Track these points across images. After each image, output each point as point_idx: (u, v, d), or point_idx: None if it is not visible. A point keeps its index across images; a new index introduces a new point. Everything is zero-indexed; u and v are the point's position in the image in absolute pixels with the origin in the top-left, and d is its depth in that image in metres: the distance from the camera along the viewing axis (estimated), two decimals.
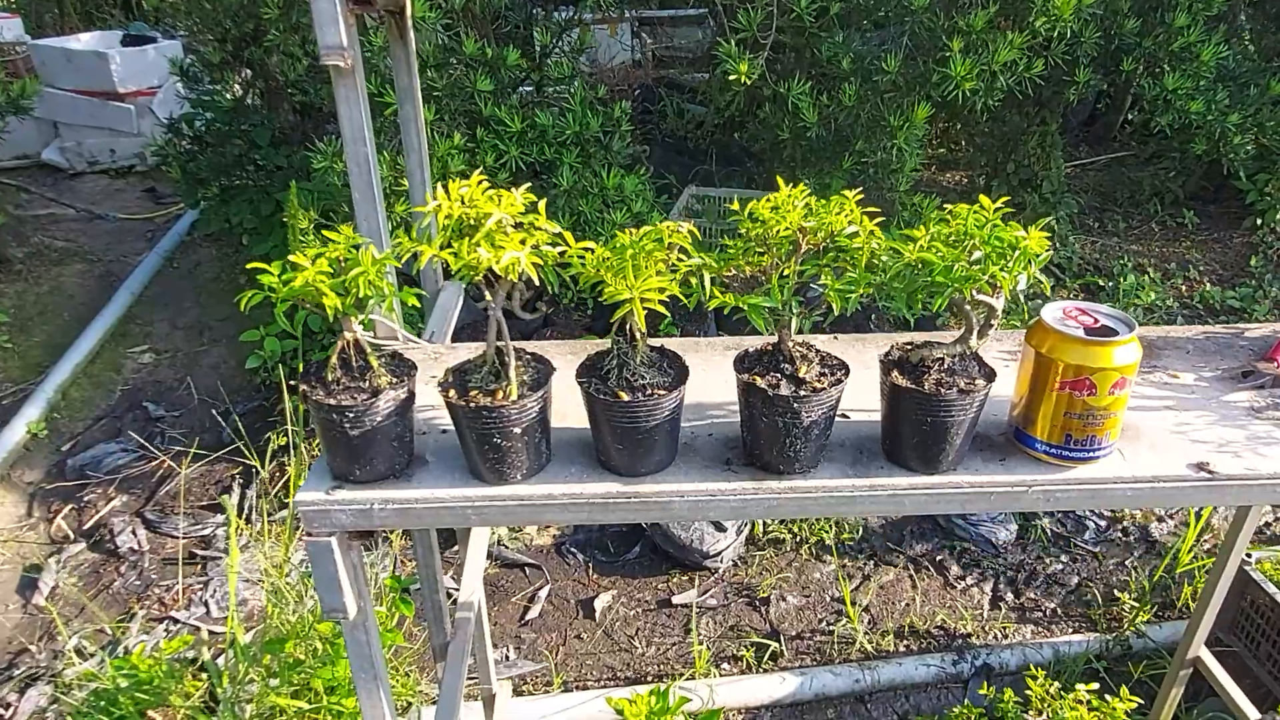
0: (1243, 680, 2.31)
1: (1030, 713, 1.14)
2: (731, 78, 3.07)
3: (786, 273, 0.87)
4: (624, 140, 3.65)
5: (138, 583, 3.08)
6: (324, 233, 0.91)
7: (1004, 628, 2.85)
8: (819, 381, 0.91)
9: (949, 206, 0.93)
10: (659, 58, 7.85)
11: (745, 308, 0.85)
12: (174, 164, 4.56)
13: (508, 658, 2.79)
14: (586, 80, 4.14)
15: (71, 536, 3.32)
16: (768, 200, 0.92)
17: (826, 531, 3.17)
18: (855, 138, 3.34)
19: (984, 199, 0.93)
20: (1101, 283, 4.13)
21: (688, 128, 5.54)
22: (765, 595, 2.96)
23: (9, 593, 3.00)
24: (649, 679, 2.70)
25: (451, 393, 0.91)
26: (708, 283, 0.87)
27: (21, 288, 4.81)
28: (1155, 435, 1.01)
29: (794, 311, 0.88)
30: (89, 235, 5.53)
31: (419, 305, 1.14)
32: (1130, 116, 5.39)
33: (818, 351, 0.96)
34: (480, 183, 0.90)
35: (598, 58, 7.81)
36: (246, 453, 3.36)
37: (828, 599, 2.96)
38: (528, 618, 2.93)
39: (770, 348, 0.95)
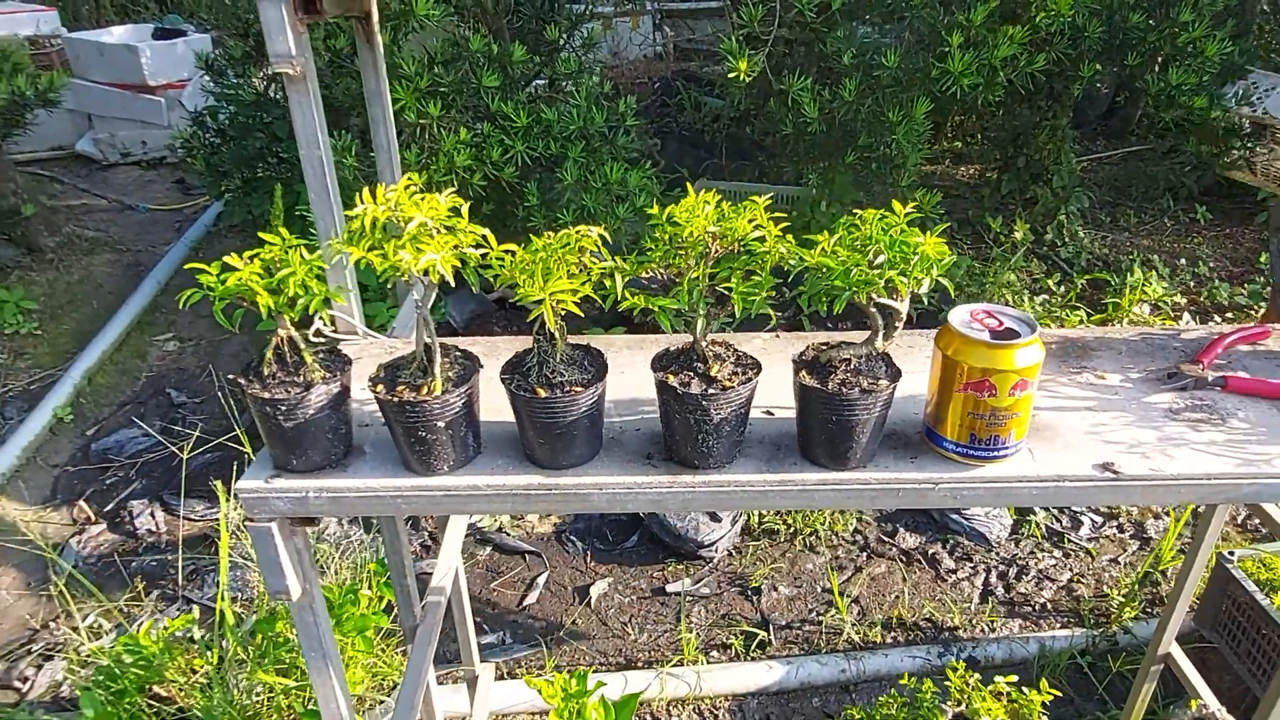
0: (1223, 676, 2.31)
1: (948, 703, 1.17)
2: (731, 75, 3.10)
3: (695, 275, 0.91)
4: (629, 135, 3.69)
5: (154, 563, 3.19)
6: (260, 234, 0.97)
7: (992, 621, 2.86)
8: (729, 380, 0.95)
9: (858, 212, 0.96)
10: (680, 50, 7.86)
11: (655, 309, 0.89)
12: (198, 156, 4.68)
13: (504, 642, 2.87)
14: (605, 74, 4.17)
15: (93, 518, 3.45)
16: (682, 204, 0.96)
17: (820, 523, 3.20)
18: (858, 133, 3.35)
19: (896, 204, 0.96)
20: (1109, 278, 4.08)
21: (704, 121, 5.56)
22: (757, 585, 3.00)
23: (32, 571, 3.14)
24: (639, 664, 2.76)
25: (380, 387, 0.96)
26: (619, 284, 0.91)
27: (53, 276, 4.98)
28: (1070, 435, 1.03)
29: (701, 313, 0.92)
30: (119, 225, 5.70)
31: (342, 301, 1.21)
32: (1146, 111, 5.31)
33: (734, 351, 1.00)
34: (407, 187, 0.95)
35: (620, 49, 7.84)
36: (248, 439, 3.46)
37: (818, 590, 3.00)
38: (525, 603, 3.00)
39: (686, 348, 0.99)
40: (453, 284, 0.90)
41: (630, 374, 1.17)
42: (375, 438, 1.07)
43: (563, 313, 0.92)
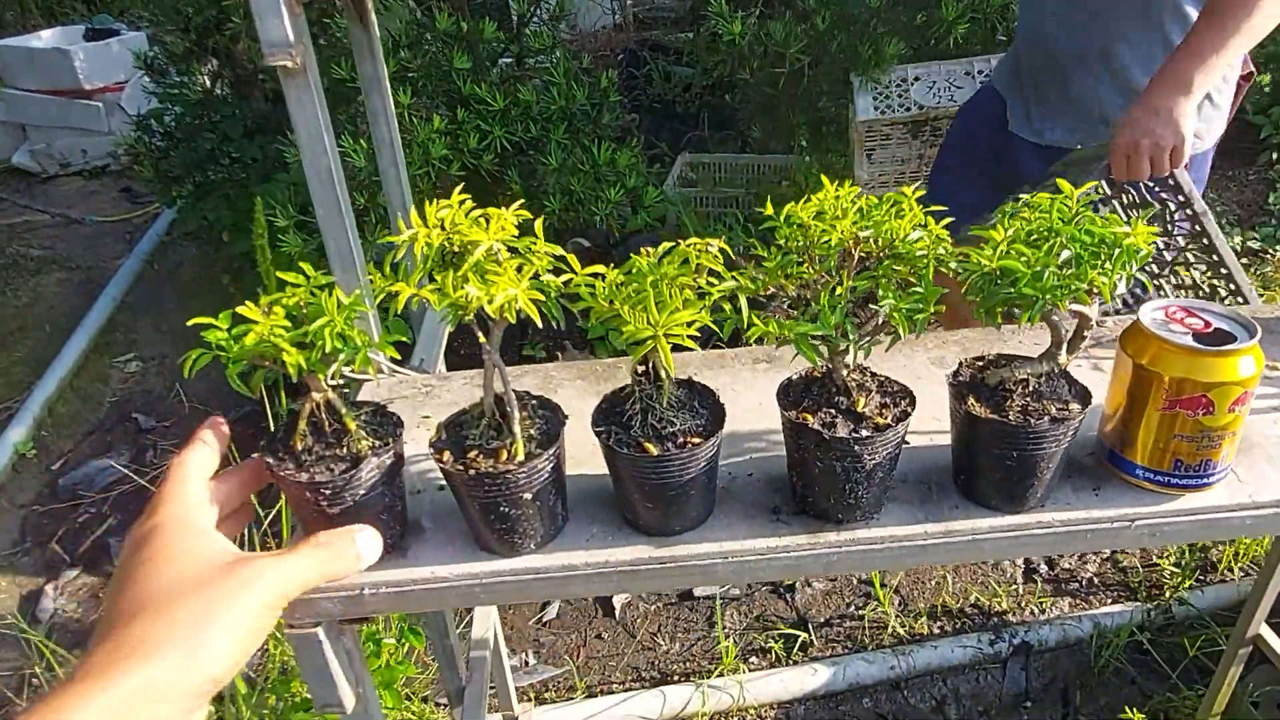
0: None
1: None
2: (727, 39, 2.89)
3: (839, 291, 0.73)
4: (614, 112, 3.47)
5: None
6: (280, 275, 0.76)
7: (1040, 602, 2.74)
8: (880, 416, 0.77)
9: (1023, 197, 0.77)
10: (640, 19, 7.59)
11: (794, 338, 0.71)
12: (146, 162, 4.37)
13: (527, 663, 2.68)
14: (569, 49, 3.94)
15: (68, 560, 3.20)
16: (809, 203, 0.77)
17: None
18: (834, 73, 3.17)
19: (1062, 183, 0.78)
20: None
21: (675, 91, 5.33)
22: (790, 583, 2.85)
23: (8, 621, 2.89)
24: (675, 678, 2.60)
25: (446, 455, 0.76)
26: (745, 309, 0.72)
27: None
28: (1270, 445, 0.87)
29: (851, 338, 0.73)
30: (66, 241, 5.35)
31: (407, 340, 1.00)
32: None
33: (873, 376, 0.81)
34: (462, 202, 0.75)
35: (578, 24, 7.56)
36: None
37: (854, 582, 2.85)
38: (544, 619, 2.82)
39: (820, 375, 0.81)
40: (539, 324, 0.71)
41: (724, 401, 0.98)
42: (433, 507, 0.88)
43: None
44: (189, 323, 0.77)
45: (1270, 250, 3.84)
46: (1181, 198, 1.48)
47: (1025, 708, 2.48)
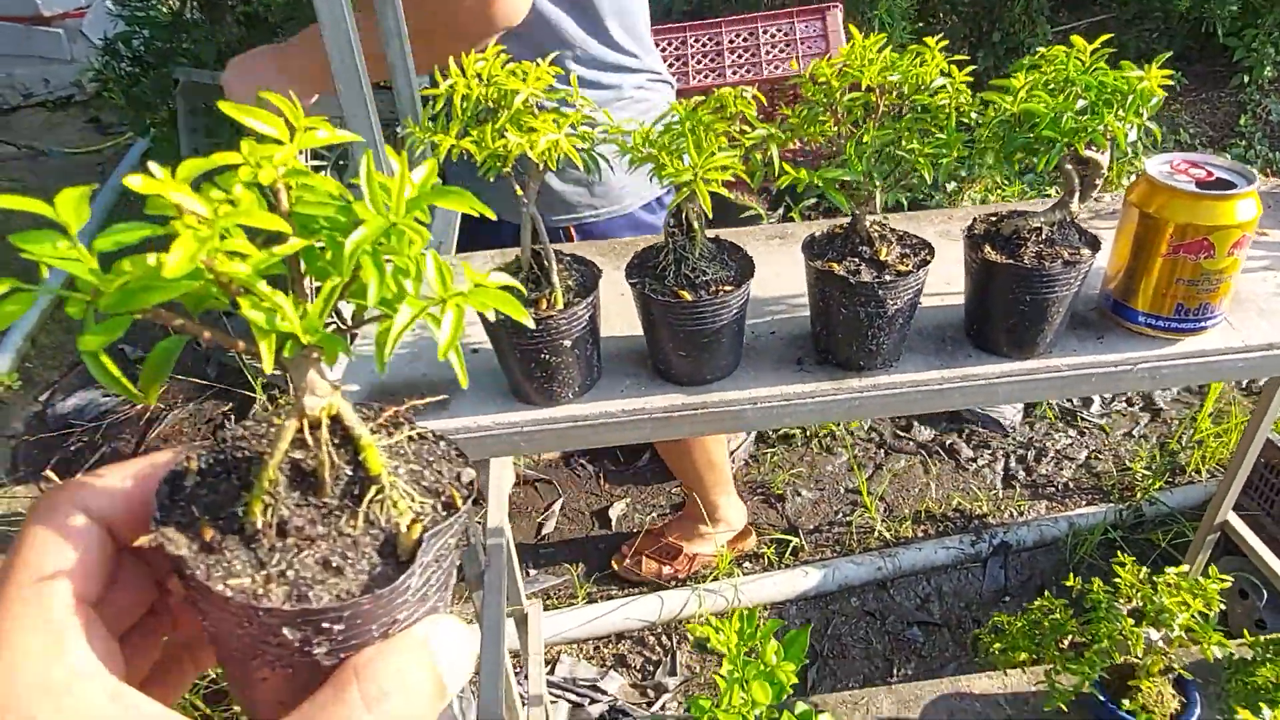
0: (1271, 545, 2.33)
1: (1120, 600, 1.10)
2: None
3: (865, 139, 0.76)
4: None
5: None
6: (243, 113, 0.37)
7: (1019, 505, 2.85)
8: (902, 264, 0.81)
9: (1040, 50, 0.80)
10: None
11: (822, 184, 0.74)
12: (115, 89, 4.25)
13: (529, 574, 2.76)
14: None
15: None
16: (830, 60, 0.79)
17: (835, 425, 3.13)
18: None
19: (1076, 39, 0.81)
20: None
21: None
22: (780, 492, 2.94)
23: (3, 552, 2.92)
24: (671, 584, 2.69)
25: None
26: (776, 157, 0.75)
27: None
28: (1260, 300, 0.92)
29: (876, 184, 0.76)
30: (35, 174, 5.22)
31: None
32: None
33: (893, 230, 0.85)
34: (499, 54, 0.77)
35: None
36: (236, 386, 3.24)
37: (842, 491, 2.95)
38: (544, 533, 2.89)
39: (841, 230, 0.84)
40: (582, 169, 0.73)
41: None
42: (470, 365, 0.91)
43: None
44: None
45: None
46: None
47: (1004, 602, 2.60)
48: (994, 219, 0.85)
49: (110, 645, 0.34)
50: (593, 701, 2.36)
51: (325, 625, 0.33)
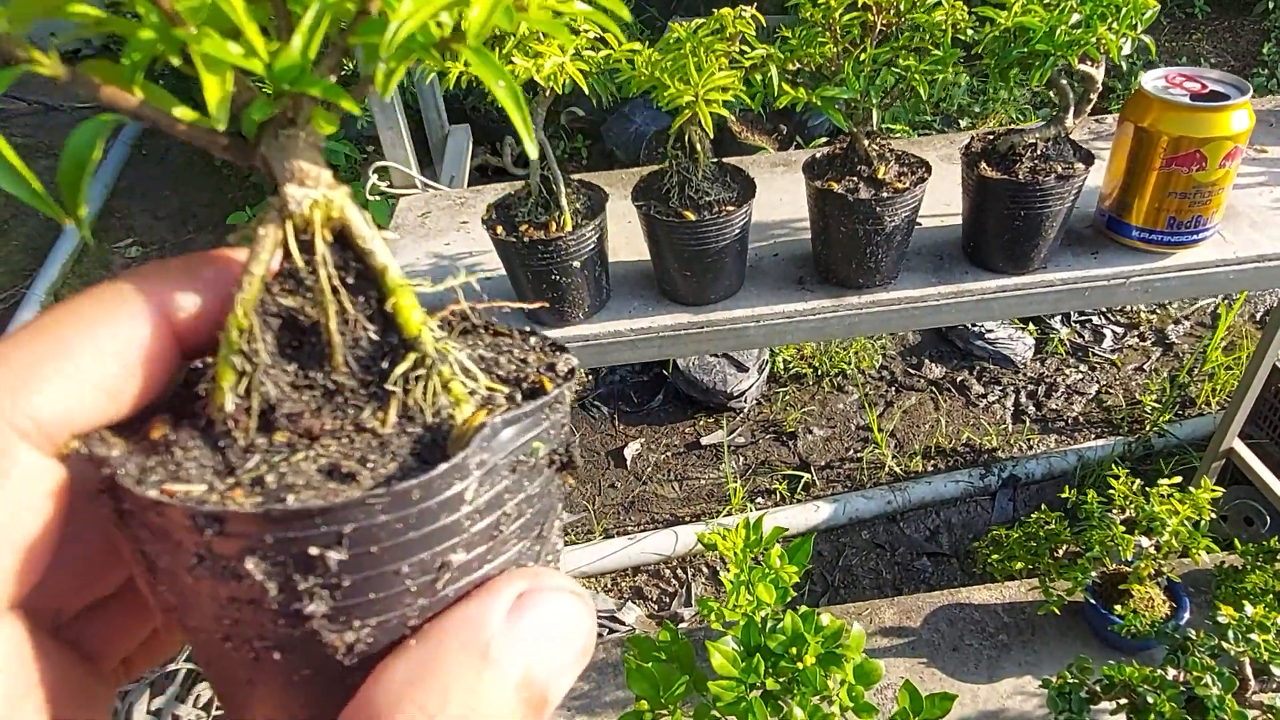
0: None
1: (1114, 510, 1.13)
2: None
3: (863, 58, 0.77)
4: None
5: None
6: None
7: (1028, 439, 2.89)
8: (899, 181, 0.83)
9: None
10: None
11: (819, 102, 0.76)
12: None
13: None
14: None
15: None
16: None
17: (847, 363, 3.16)
18: None
19: None
20: (1113, 84, 3.94)
21: None
22: (792, 430, 2.98)
23: None
24: (686, 519, 2.76)
25: (499, 229, 0.83)
26: (776, 77, 0.77)
27: None
28: (1254, 213, 0.94)
29: (874, 102, 0.78)
30: (47, 130, 5.24)
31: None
32: None
33: (891, 150, 0.87)
34: None
35: None
36: None
37: (853, 428, 2.99)
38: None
39: (841, 150, 0.86)
40: (587, 93, 0.76)
41: None
42: (482, 290, 0.95)
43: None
44: None
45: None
46: None
47: None
48: (991, 137, 0.87)
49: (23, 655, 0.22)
50: (611, 631, 2.45)
51: (312, 552, 0.20)
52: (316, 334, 0.25)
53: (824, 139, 3.71)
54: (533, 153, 0.27)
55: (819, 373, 3.13)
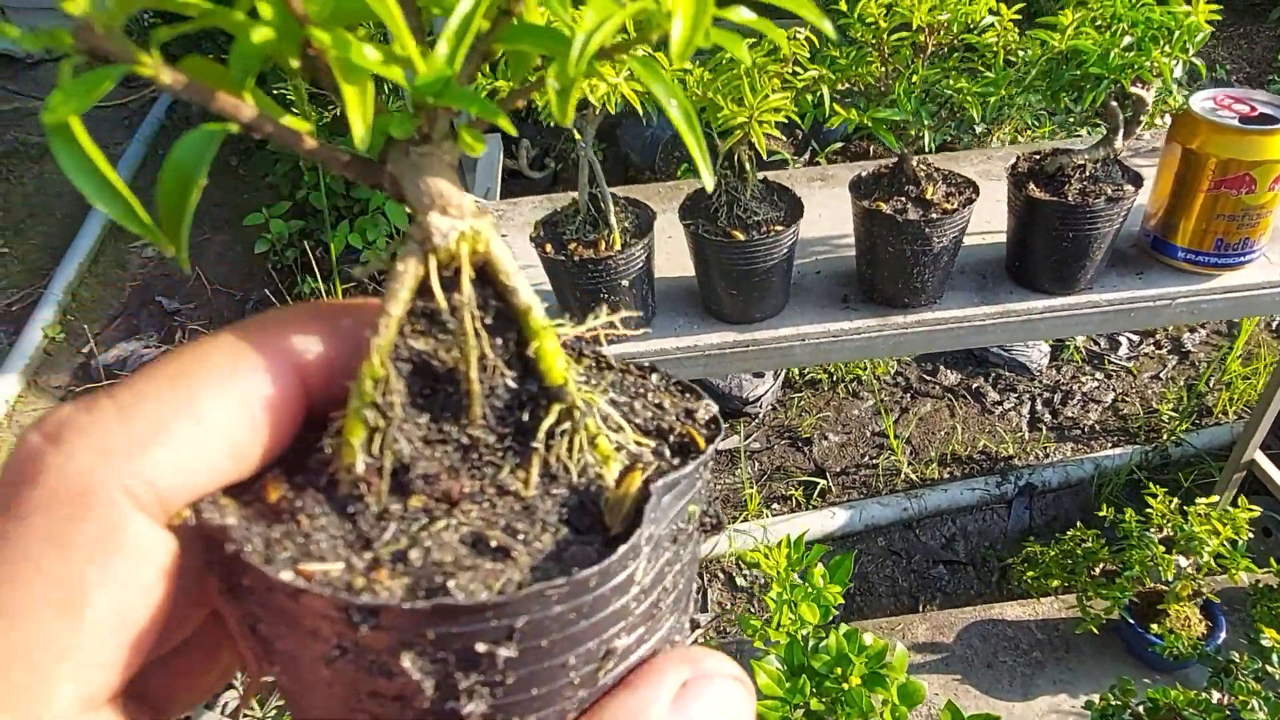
0: None
1: (1151, 529, 1.13)
2: None
3: (914, 79, 0.78)
4: None
5: None
6: None
7: (1044, 447, 2.88)
8: (947, 202, 0.83)
9: None
10: None
11: (871, 124, 0.76)
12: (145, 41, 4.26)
13: None
14: None
15: None
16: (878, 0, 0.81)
17: (862, 369, 3.16)
18: None
19: None
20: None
21: None
22: (807, 436, 2.99)
23: None
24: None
25: (548, 247, 0.83)
26: (828, 98, 0.78)
27: (5, 189, 4.62)
28: None
29: (925, 123, 0.78)
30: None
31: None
32: None
33: (938, 169, 0.87)
34: None
35: None
36: None
37: (868, 434, 2.99)
38: None
39: (888, 170, 0.87)
40: (641, 113, 0.76)
41: None
42: None
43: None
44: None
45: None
46: None
47: (1028, 542, 2.65)
48: (1038, 157, 0.87)
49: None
50: None
51: (479, 649, 0.19)
52: (451, 382, 0.23)
53: (839, 144, 3.70)
54: (709, 184, 0.25)
55: (834, 379, 3.13)
